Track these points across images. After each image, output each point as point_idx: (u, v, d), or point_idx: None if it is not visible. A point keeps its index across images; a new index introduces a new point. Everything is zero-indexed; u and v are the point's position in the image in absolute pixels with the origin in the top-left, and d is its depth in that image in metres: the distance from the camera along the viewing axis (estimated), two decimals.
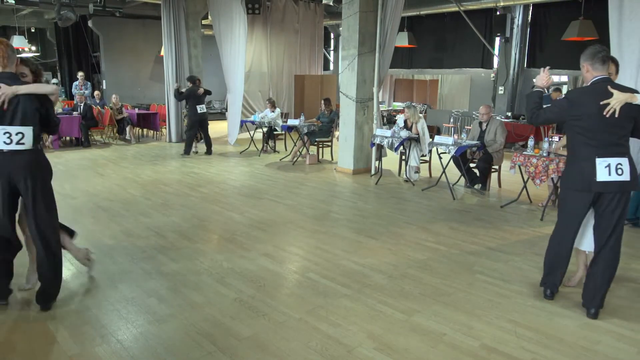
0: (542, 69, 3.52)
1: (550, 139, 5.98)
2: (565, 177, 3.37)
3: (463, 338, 3.03)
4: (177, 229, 5.14)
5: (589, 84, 3.24)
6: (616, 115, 3.05)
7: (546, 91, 3.46)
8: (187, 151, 9.83)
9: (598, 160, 3.12)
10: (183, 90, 9.77)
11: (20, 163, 3.10)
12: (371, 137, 7.88)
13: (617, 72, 3.64)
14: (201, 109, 9.54)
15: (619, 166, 3.11)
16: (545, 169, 5.40)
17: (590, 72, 3.23)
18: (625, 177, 3.11)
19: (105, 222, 5.31)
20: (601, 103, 3.07)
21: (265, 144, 10.37)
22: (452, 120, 13.08)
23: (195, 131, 9.86)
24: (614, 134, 3.13)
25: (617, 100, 3.04)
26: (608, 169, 3.10)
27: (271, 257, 4.36)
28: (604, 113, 3.07)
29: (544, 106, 3.39)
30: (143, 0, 12.45)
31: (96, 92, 12.12)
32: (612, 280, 3.29)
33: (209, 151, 10.00)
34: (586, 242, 3.51)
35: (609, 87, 3.11)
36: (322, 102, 9.60)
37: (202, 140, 10.20)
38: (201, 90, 9.55)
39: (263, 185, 7.31)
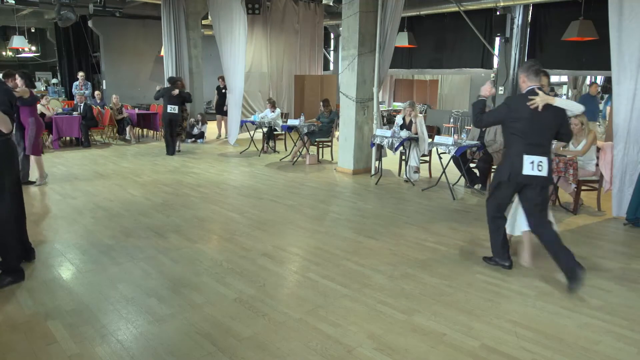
0: (488, 81, 4.12)
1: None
2: (499, 169, 3.96)
3: (463, 338, 3.03)
4: (177, 229, 5.14)
5: (524, 92, 3.77)
6: (539, 109, 3.65)
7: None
8: (168, 151, 9.87)
9: (525, 157, 3.71)
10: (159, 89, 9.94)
11: None
12: (371, 137, 7.88)
13: (549, 84, 4.51)
14: (171, 108, 9.61)
15: (540, 163, 3.70)
16: None
17: (525, 83, 3.81)
18: (544, 173, 3.72)
19: (105, 222, 5.31)
20: (528, 104, 3.67)
21: (265, 144, 10.37)
22: (452, 120, 13.09)
23: (166, 130, 9.86)
24: (542, 136, 3.73)
25: (540, 99, 3.67)
26: (532, 165, 3.70)
27: (271, 257, 4.36)
28: (528, 104, 3.67)
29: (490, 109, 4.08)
30: (143, 0, 12.45)
31: (96, 92, 12.11)
32: (562, 242, 3.71)
33: (168, 151, 9.87)
34: (524, 224, 4.04)
35: (536, 90, 3.74)
36: (321, 103, 9.58)
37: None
38: (175, 92, 9.60)
39: (263, 185, 7.31)
